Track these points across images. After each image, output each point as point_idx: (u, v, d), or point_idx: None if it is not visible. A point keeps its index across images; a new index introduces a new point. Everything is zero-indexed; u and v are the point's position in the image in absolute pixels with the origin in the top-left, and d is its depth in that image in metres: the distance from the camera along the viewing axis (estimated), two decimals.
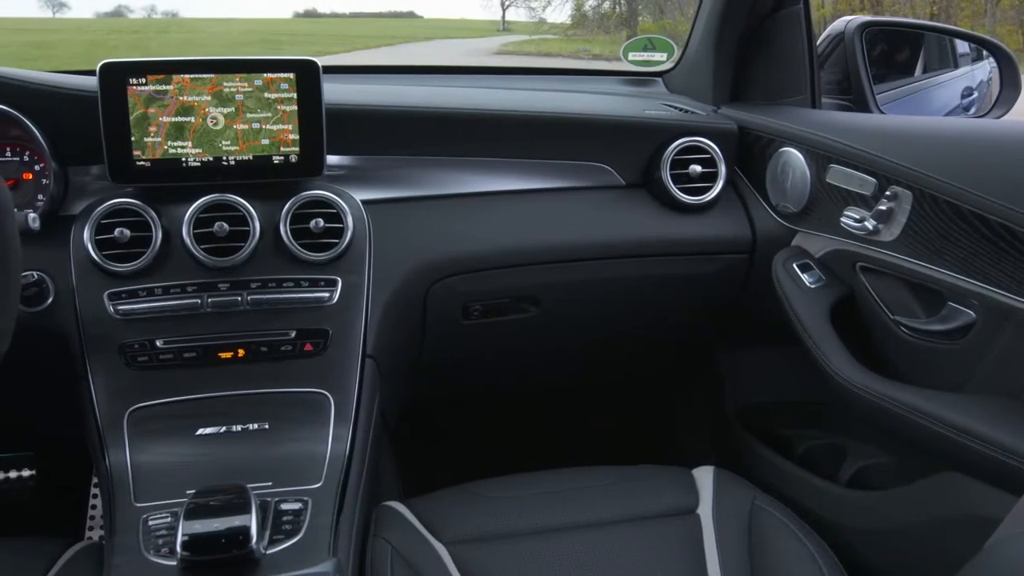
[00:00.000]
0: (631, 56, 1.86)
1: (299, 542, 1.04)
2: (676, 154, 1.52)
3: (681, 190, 1.52)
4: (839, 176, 1.37)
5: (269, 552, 1.02)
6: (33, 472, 1.74)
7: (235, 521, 0.97)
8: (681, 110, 1.67)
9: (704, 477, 1.28)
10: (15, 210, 0.98)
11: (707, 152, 1.54)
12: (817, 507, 1.43)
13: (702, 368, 1.88)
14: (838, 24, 1.74)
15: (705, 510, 1.21)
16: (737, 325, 1.72)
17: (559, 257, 1.48)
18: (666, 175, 1.51)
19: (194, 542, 0.95)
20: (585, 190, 1.54)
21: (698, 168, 1.52)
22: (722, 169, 1.54)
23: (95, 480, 1.81)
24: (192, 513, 0.97)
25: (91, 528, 1.76)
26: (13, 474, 1.75)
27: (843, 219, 1.35)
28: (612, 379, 2.00)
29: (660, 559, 1.14)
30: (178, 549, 0.95)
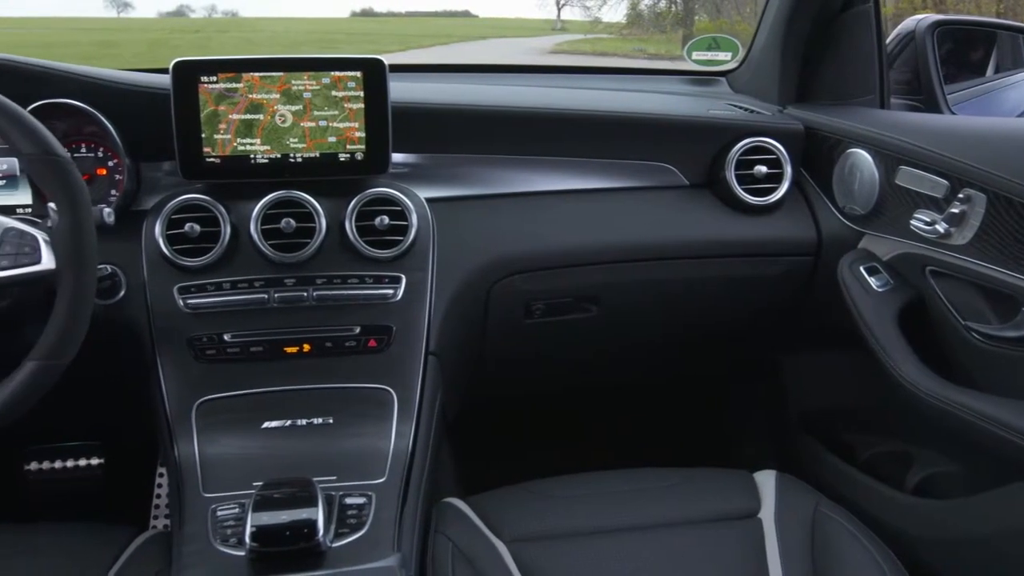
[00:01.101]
0: (695, 55, 1.85)
1: (364, 536, 1.06)
2: (741, 154, 1.50)
3: (746, 191, 1.50)
4: (909, 178, 1.34)
5: (334, 545, 1.03)
6: (101, 461, 1.79)
7: (302, 514, 0.98)
8: (746, 110, 1.65)
9: (766, 481, 1.27)
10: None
11: (772, 153, 1.52)
12: (882, 515, 1.40)
13: (761, 370, 1.86)
14: (908, 23, 1.71)
15: (767, 514, 1.20)
16: (799, 328, 1.70)
17: (621, 257, 1.47)
18: (731, 176, 1.50)
19: (262, 533, 0.97)
20: (648, 190, 1.54)
21: (763, 169, 1.50)
22: (788, 170, 1.52)
23: (160, 470, 1.84)
24: (260, 505, 0.99)
25: (156, 517, 1.79)
26: (82, 462, 1.80)
27: (913, 222, 1.33)
28: (669, 379, 1.99)
29: (722, 563, 1.13)
30: (247, 540, 0.97)
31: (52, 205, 1.02)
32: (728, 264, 1.52)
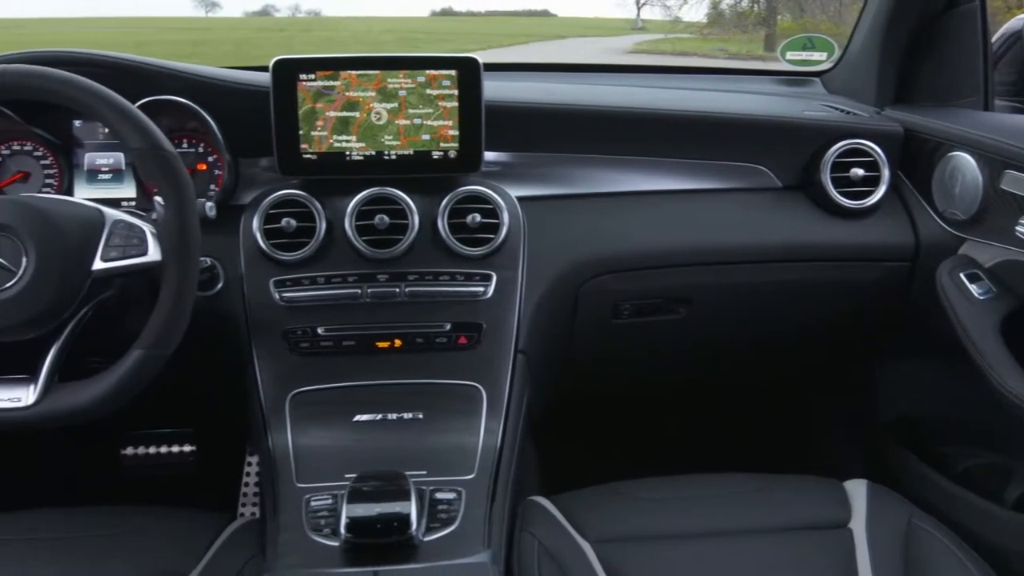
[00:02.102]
0: (789, 55, 1.81)
1: (455, 531, 1.07)
2: (837, 156, 1.47)
3: (841, 194, 1.47)
4: (1015, 182, 1.29)
5: (426, 539, 1.04)
6: (193, 448, 1.84)
7: (395, 507, 1.00)
8: (842, 111, 1.61)
9: (857, 490, 1.24)
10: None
11: (870, 155, 1.48)
12: (979, 529, 1.36)
13: (850, 377, 1.82)
14: (1014, 23, 1.65)
15: (858, 525, 1.17)
16: (893, 334, 1.65)
17: (712, 259, 1.46)
18: (826, 178, 1.47)
19: (357, 525, 0.98)
20: (740, 191, 1.51)
21: (860, 172, 1.47)
22: (885, 173, 1.48)
23: (248, 459, 1.89)
24: (355, 496, 1.01)
25: (243, 504, 1.84)
26: (175, 449, 1.85)
27: (1019, 228, 1.28)
28: (757, 383, 1.96)
29: (810, 572, 1.11)
30: (342, 531, 0.99)
31: (158, 199, 1.05)
32: (822, 269, 1.49)
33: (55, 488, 1.79)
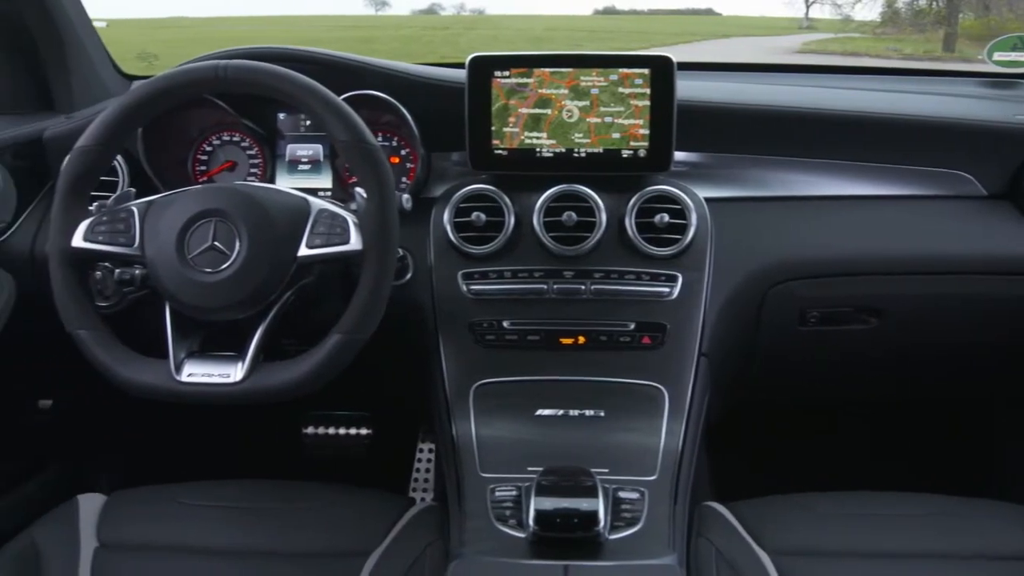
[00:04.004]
0: (996, 56, 1.70)
1: (639, 531, 1.06)
2: None
3: None
4: None
5: (612, 537, 1.04)
6: (369, 431, 1.90)
7: (583, 504, 1.00)
8: None
9: None
10: None
11: None
12: None
13: None
14: None
15: None
16: None
17: (909, 268, 1.39)
18: None
19: (545, 518, 0.99)
20: (940, 199, 1.44)
21: None
22: None
23: (420, 445, 1.94)
24: (543, 490, 1.01)
25: (414, 490, 1.89)
26: (352, 431, 1.92)
27: None
28: (947, 400, 1.86)
29: None
30: (530, 523, 1.00)
31: (360, 190, 1.09)
32: None
33: (241, 461, 1.89)
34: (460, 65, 1.36)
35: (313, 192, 1.17)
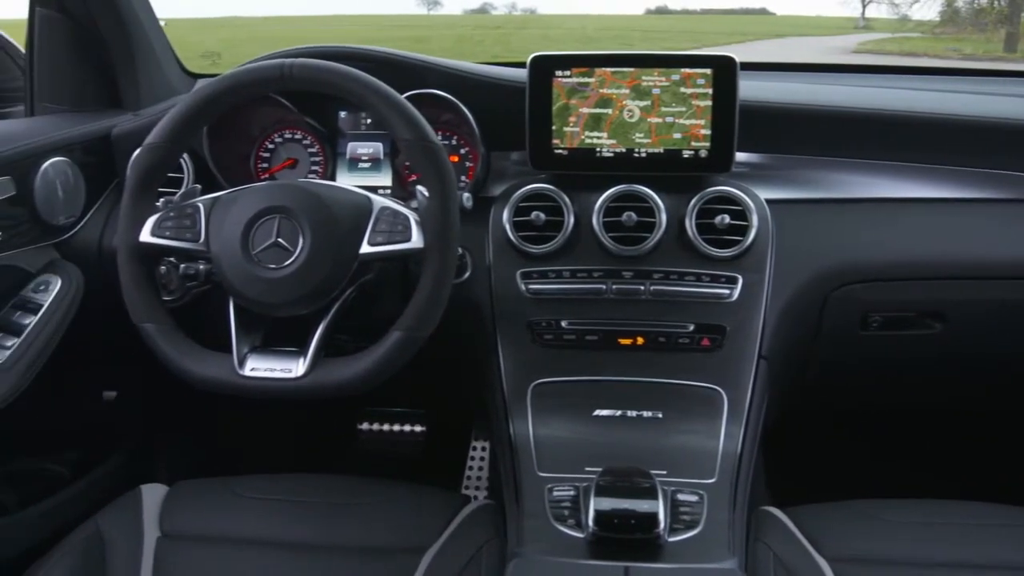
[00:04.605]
0: None
1: (699, 535, 1.06)
2: None
3: None
4: None
5: (671, 540, 1.03)
6: (424, 429, 1.92)
7: (643, 505, 1.00)
8: None
9: None
10: None
11: None
12: None
13: None
14: None
15: None
16: None
17: (973, 273, 1.36)
18: None
19: (604, 519, 0.99)
20: (1004, 202, 1.40)
21: None
22: None
23: (474, 443, 1.95)
24: (602, 491, 1.01)
25: (467, 488, 1.90)
26: (407, 428, 1.94)
27: None
28: (1010, 409, 1.81)
29: None
30: (590, 523, 1.00)
31: (421, 188, 1.09)
32: None
33: (297, 455, 1.92)
34: (520, 64, 1.36)
35: (373, 190, 1.18)
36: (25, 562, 1.13)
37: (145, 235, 1.10)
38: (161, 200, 1.14)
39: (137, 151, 1.18)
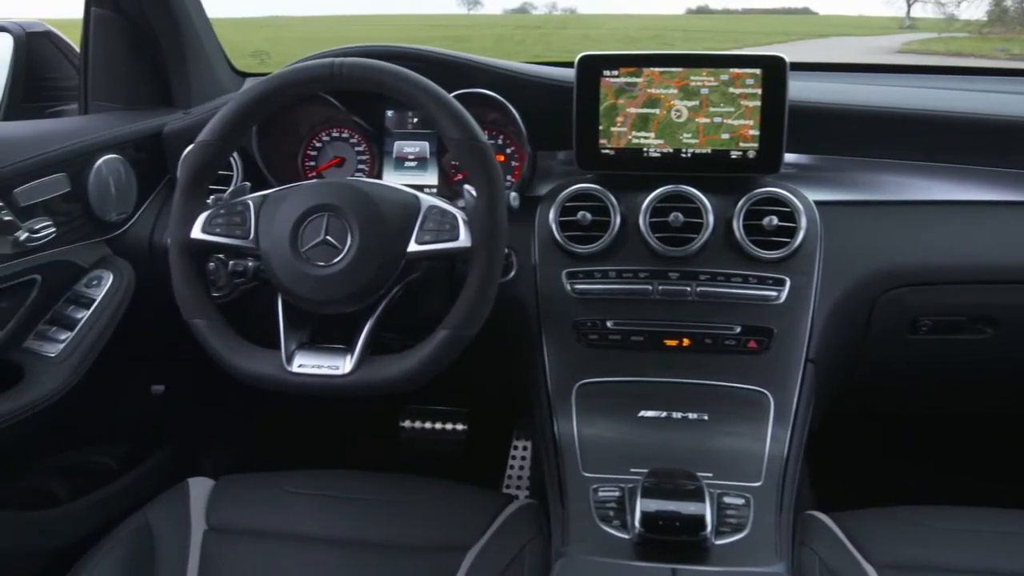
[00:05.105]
0: None
1: (745, 538, 1.05)
2: None
3: None
4: None
5: (718, 543, 1.03)
6: (465, 427, 1.92)
7: (690, 507, 0.99)
8: None
9: None
10: None
11: None
12: None
13: None
14: None
15: None
16: None
17: None
18: None
19: (651, 520, 0.99)
20: None
21: None
22: None
23: (515, 443, 1.95)
24: (649, 492, 1.01)
25: (507, 487, 1.90)
26: (449, 426, 1.94)
27: None
28: None
29: None
30: (636, 525, 0.99)
31: (468, 187, 1.10)
32: None
33: (339, 451, 1.93)
34: (565, 64, 1.35)
35: (419, 189, 1.18)
36: (76, 552, 1.16)
37: (196, 232, 1.11)
38: (211, 197, 1.15)
39: (189, 148, 1.19)
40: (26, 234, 1.22)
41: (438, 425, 1.99)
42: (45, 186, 1.27)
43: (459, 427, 1.98)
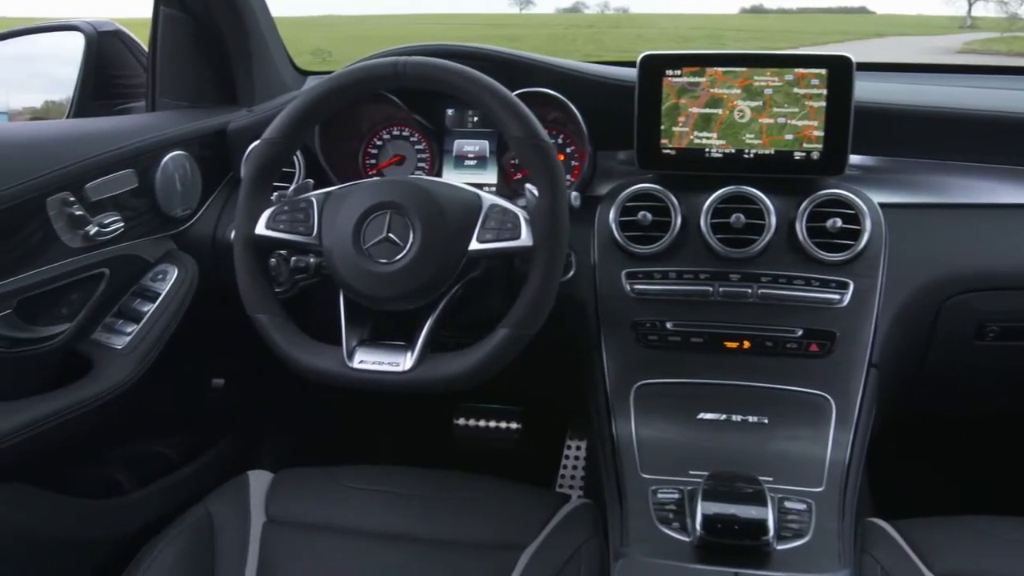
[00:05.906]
0: None
1: (807, 544, 1.03)
2: None
3: None
4: None
5: (779, 548, 1.01)
6: (519, 426, 1.92)
7: (752, 511, 0.98)
8: None
9: None
10: None
11: None
12: None
13: None
14: None
15: None
16: None
17: None
18: None
19: (713, 524, 0.98)
20: None
21: None
22: None
23: (568, 442, 1.94)
24: (710, 495, 1.00)
25: (560, 486, 1.90)
26: (503, 425, 1.94)
27: None
28: None
29: None
30: (697, 528, 0.98)
31: (530, 186, 1.09)
32: None
33: (395, 447, 1.95)
34: (622, 63, 1.34)
35: (479, 187, 1.18)
36: (139, 540, 1.18)
37: (260, 228, 1.13)
38: (275, 194, 1.17)
39: (253, 145, 1.21)
40: (96, 228, 1.25)
41: (492, 423, 1.99)
42: (114, 182, 1.30)
43: (512, 426, 1.98)
